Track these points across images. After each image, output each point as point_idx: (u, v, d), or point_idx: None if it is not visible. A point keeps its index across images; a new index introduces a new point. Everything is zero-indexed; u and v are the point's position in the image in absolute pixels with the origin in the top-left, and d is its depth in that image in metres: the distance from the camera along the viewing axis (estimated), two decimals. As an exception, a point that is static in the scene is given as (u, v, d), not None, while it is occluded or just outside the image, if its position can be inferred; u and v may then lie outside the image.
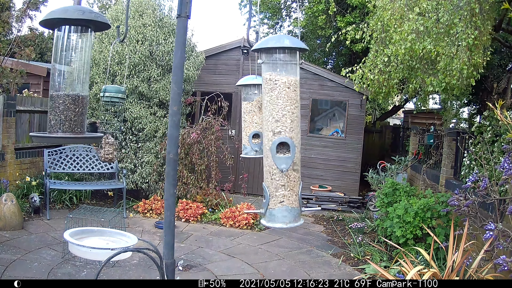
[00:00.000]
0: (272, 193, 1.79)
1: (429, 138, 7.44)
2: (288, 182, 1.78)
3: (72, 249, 2.55)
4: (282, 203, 1.79)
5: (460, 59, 4.46)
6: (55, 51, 1.63)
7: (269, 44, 1.76)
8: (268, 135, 1.80)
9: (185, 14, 1.72)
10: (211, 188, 7.09)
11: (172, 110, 1.77)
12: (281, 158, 1.76)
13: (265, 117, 1.81)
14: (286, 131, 1.77)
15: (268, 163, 1.80)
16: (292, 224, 1.82)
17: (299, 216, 1.85)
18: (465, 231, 3.66)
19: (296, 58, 1.78)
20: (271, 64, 1.76)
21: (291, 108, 1.78)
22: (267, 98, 1.80)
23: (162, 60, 7.14)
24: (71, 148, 6.81)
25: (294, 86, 1.79)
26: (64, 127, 1.61)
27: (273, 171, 1.78)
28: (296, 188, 1.81)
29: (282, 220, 1.80)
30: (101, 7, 16.19)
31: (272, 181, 1.79)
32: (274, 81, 1.77)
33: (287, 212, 1.80)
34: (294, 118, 1.79)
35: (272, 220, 1.82)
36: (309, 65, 8.87)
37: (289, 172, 1.78)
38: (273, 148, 1.76)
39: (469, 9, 4.35)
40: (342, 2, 10.55)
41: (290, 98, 1.78)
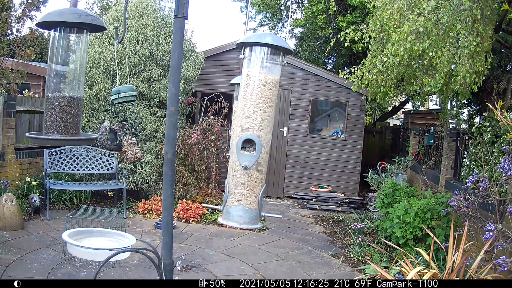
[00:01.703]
0: (232, 190, 1.75)
1: (429, 139, 7.43)
2: (249, 181, 1.74)
3: (71, 249, 2.55)
4: (239, 202, 1.75)
5: (463, 67, 4.45)
6: (51, 52, 1.63)
7: (251, 39, 1.75)
8: (236, 131, 1.77)
9: (182, 15, 1.72)
10: (211, 188, 7.09)
11: (170, 110, 1.77)
12: (245, 155, 1.72)
13: (237, 112, 1.79)
14: (255, 128, 1.73)
15: (232, 159, 1.77)
16: (247, 225, 1.77)
17: (256, 219, 1.80)
18: (465, 231, 3.66)
19: (278, 58, 1.75)
20: (250, 60, 1.74)
21: (264, 106, 1.75)
22: (241, 93, 1.78)
23: (162, 60, 7.14)
24: (71, 148, 6.81)
25: (271, 85, 1.76)
26: (60, 129, 1.62)
27: (236, 168, 1.74)
28: (257, 189, 1.76)
29: (237, 219, 1.76)
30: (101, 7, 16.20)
31: (233, 178, 1.76)
32: (251, 77, 1.74)
33: (243, 212, 1.76)
34: (266, 117, 1.75)
35: (227, 218, 1.78)
36: (309, 66, 8.88)
37: (252, 171, 1.73)
38: (238, 144, 1.73)
39: (470, 15, 4.34)
40: (343, 2, 10.55)
41: (264, 96, 1.75)
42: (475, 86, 4.85)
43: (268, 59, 1.76)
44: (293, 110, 8.71)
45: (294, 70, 8.60)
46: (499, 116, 3.28)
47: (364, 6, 9.26)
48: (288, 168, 8.75)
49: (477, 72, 4.59)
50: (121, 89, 2.89)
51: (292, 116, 8.71)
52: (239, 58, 1.82)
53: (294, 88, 8.67)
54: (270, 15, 14.13)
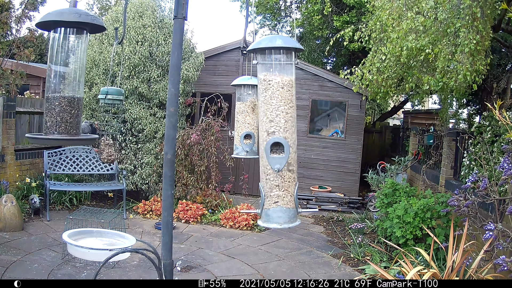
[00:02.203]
0: (267, 193, 1.78)
1: (428, 139, 7.43)
2: (282, 183, 1.77)
3: (71, 250, 2.55)
4: (276, 204, 1.77)
5: (463, 65, 4.45)
6: (51, 53, 1.64)
7: (262, 44, 1.76)
8: (262, 135, 1.79)
9: (181, 15, 1.72)
10: (211, 189, 7.09)
11: (169, 111, 1.77)
12: (275, 158, 1.75)
13: (260, 118, 1.81)
14: (280, 131, 1.76)
15: (263, 163, 1.79)
16: (287, 224, 1.80)
17: (295, 217, 1.83)
18: (465, 231, 3.66)
19: (291, 58, 1.76)
20: (265, 65, 1.76)
21: (285, 108, 1.76)
22: (261, 99, 1.79)
23: (162, 60, 7.14)
24: (71, 149, 6.81)
25: (288, 86, 1.77)
26: (60, 129, 1.62)
27: (268, 171, 1.77)
28: (291, 188, 1.79)
29: (277, 220, 1.79)
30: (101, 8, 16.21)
31: (267, 181, 1.78)
32: (268, 81, 1.76)
33: (281, 213, 1.78)
34: (289, 118, 1.77)
35: (267, 221, 1.81)
36: (309, 66, 8.88)
37: (284, 172, 1.76)
38: (267, 148, 1.75)
39: (470, 13, 4.34)
40: (339, 2, 10.54)
41: (284, 98, 1.76)
42: (475, 85, 4.85)
43: (282, 61, 1.77)
44: (293, 110, 8.70)
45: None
46: (498, 116, 3.28)
47: (361, 6, 9.26)
48: (288, 168, 8.73)
49: (477, 71, 4.59)
50: (109, 91, 2.91)
51: (292, 116, 8.70)
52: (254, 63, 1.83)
53: (293, 88, 8.66)
54: (269, 16, 14.12)
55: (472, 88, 4.94)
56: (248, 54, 2.07)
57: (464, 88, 4.90)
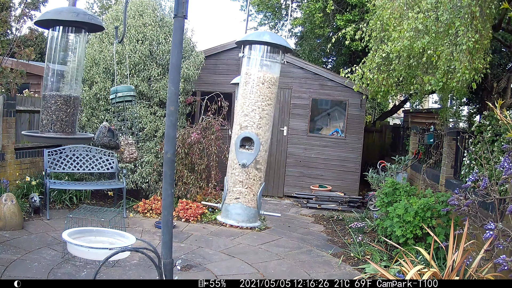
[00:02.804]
0: (230, 188, 1.76)
1: (429, 138, 7.43)
2: (247, 179, 1.74)
3: (71, 249, 2.55)
4: (237, 200, 1.75)
5: (461, 63, 4.45)
6: (49, 51, 1.63)
7: (250, 37, 1.74)
8: (235, 129, 1.78)
9: (181, 14, 1.72)
10: (211, 187, 7.09)
11: (169, 110, 1.77)
12: (244, 153, 1.72)
13: (236, 110, 1.79)
14: (253, 126, 1.73)
15: (231, 157, 1.77)
16: (245, 223, 1.77)
17: (255, 217, 1.80)
18: (465, 230, 3.65)
19: (277, 56, 1.75)
20: (250, 59, 1.74)
21: (262, 105, 1.74)
22: (240, 91, 1.78)
23: (162, 59, 7.14)
24: (71, 148, 6.81)
25: (269, 83, 1.75)
26: (55, 127, 1.62)
27: (234, 166, 1.75)
28: (255, 187, 1.76)
29: (235, 217, 1.76)
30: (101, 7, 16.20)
31: (231, 176, 1.76)
32: (250, 75, 1.74)
33: (241, 210, 1.76)
34: (264, 115, 1.75)
35: (225, 216, 1.79)
36: (309, 65, 8.87)
37: (250, 169, 1.73)
38: (237, 142, 1.73)
39: (469, 12, 4.33)
40: (342, 1, 10.53)
41: (263, 94, 1.74)
42: (474, 84, 4.84)
43: (267, 57, 1.75)
44: (293, 109, 8.71)
45: (294, 69, 8.59)
46: (499, 115, 3.27)
47: (363, 5, 9.24)
48: (288, 167, 8.75)
49: (476, 69, 4.58)
50: (119, 89, 2.90)
51: (292, 115, 8.71)
52: (239, 56, 1.82)
53: (294, 87, 8.67)
54: (270, 14, 14.11)
55: (472, 87, 4.93)
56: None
57: (465, 88, 4.89)
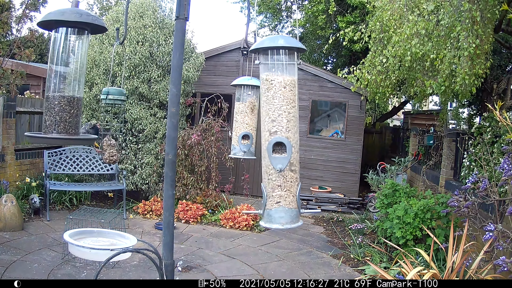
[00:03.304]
0: (269, 193, 1.78)
1: (429, 139, 7.44)
2: (284, 183, 1.77)
3: (72, 249, 2.56)
4: (278, 204, 1.77)
5: (462, 69, 4.46)
6: (52, 52, 1.64)
7: (265, 44, 1.76)
8: (265, 135, 1.79)
9: (183, 16, 1.72)
10: (211, 189, 7.09)
11: (171, 111, 1.77)
12: (277, 158, 1.75)
13: (262, 117, 1.81)
14: (282, 131, 1.76)
15: (265, 163, 1.79)
16: (289, 225, 1.79)
17: (297, 217, 1.83)
18: (464, 232, 3.66)
19: (293, 58, 1.77)
20: (267, 64, 1.76)
21: (287, 108, 1.76)
22: (263, 98, 1.80)
23: (162, 61, 7.15)
24: (71, 149, 6.81)
25: (290, 86, 1.78)
26: (59, 128, 1.62)
27: (270, 171, 1.77)
28: (294, 188, 1.79)
29: (279, 221, 1.78)
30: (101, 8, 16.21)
31: (269, 182, 1.78)
32: (270, 81, 1.76)
33: (283, 213, 1.78)
34: (291, 118, 1.77)
35: (269, 221, 1.80)
36: (309, 66, 8.88)
37: (286, 172, 1.76)
38: (269, 148, 1.75)
39: (470, 17, 4.34)
40: (343, 2, 10.56)
41: (286, 98, 1.76)
42: (474, 88, 4.86)
43: (284, 61, 1.77)
44: (293, 110, 8.71)
45: (294, 71, 8.59)
46: (498, 117, 3.28)
47: (364, 6, 9.27)
48: (288, 168, 8.74)
49: (475, 75, 4.60)
50: (110, 91, 2.91)
51: (292, 116, 8.71)
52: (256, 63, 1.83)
53: (294, 88, 8.67)
54: (271, 16, 14.13)
55: (471, 90, 4.94)
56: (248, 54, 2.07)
57: (468, 92, 4.90)
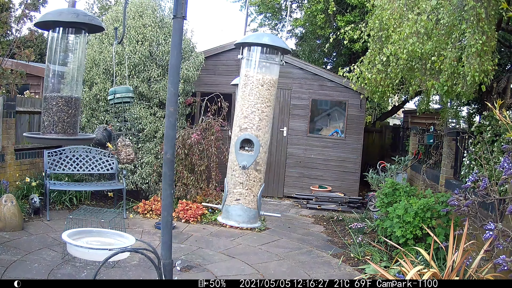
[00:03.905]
0: (231, 189, 1.76)
1: (429, 138, 7.43)
2: (247, 181, 1.75)
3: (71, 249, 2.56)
4: (238, 201, 1.76)
5: (471, 66, 4.43)
6: (49, 52, 1.64)
7: (249, 39, 1.75)
8: (235, 130, 1.78)
9: (181, 15, 1.72)
10: (211, 188, 7.09)
11: (169, 111, 1.77)
12: (244, 155, 1.73)
13: (236, 112, 1.80)
14: (253, 128, 1.74)
15: (231, 158, 1.78)
16: (246, 224, 1.78)
17: (255, 218, 1.81)
18: (465, 231, 3.66)
19: (276, 58, 1.75)
20: (249, 60, 1.75)
21: (261, 107, 1.75)
22: (240, 93, 1.79)
23: (162, 60, 7.14)
24: (71, 149, 6.81)
25: (268, 85, 1.76)
26: (57, 128, 1.62)
27: (234, 167, 1.75)
28: (256, 188, 1.77)
29: (236, 218, 1.77)
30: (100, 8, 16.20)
31: (232, 177, 1.76)
32: (249, 77, 1.75)
33: (241, 211, 1.76)
34: (264, 117, 1.76)
35: (226, 217, 1.79)
36: (309, 65, 8.87)
37: (250, 170, 1.74)
38: (237, 143, 1.73)
39: (475, 14, 4.32)
40: (342, 2, 10.55)
41: (262, 96, 1.75)
42: (484, 86, 4.83)
43: (266, 59, 1.75)
44: (293, 109, 8.71)
45: (294, 70, 8.60)
46: (498, 115, 3.28)
47: (363, 5, 9.26)
48: (288, 168, 8.75)
49: (485, 71, 4.57)
50: (117, 90, 2.91)
51: (292, 115, 8.71)
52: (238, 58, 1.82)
53: (293, 87, 8.67)
54: (270, 15, 14.11)
55: (481, 89, 4.91)
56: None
57: (471, 92, 4.88)
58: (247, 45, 1.76)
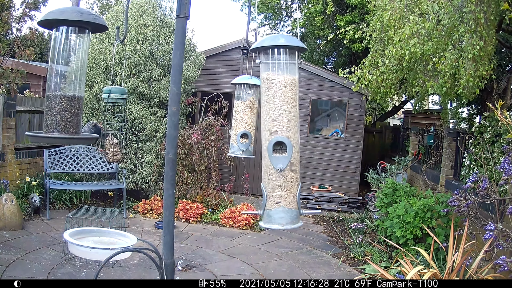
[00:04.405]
0: (269, 193, 1.76)
1: (429, 139, 7.44)
2: (285, 183, 1.75)
3: (72, 249, 2.56)
4: (278, 204, 1.76)
5: (466, 71, 4.45)
6: (53, 52, 1.64)
7: (265, 43, 1.75)
8: (265, 135, 1.78)
9: (184, 15, 1.72)
10: (211, 188, 7.09)
11: (171, 110, 1.77)
12: (278, 158, 1.73)
13: (263, 117, 1.79)
14: (283, 130, 1.74)
15: (266, 163, 1.77)
16: (289, 225, 1.78)
17: (297, 218, 1.81)
18: (465, 231, 3.66)
19: (294, 57, 1.76)
20: (268, 64, 1.75)
21: (288, 107, 1.75)
22: (264, 98, 1.79)
23: (162, 60, 7.14)
24: (71, 148, 6.81)
25: (291, 85, 1.76)
26: (60, 127, 1.62)
27: (270, 171, 1.75)
28: (294, 189, 1.77)
29: (279, 221, 1.77)
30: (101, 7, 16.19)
31: (269, 182, 1.76)
32: (271, 80, 1.75)
33: (284, 213, 1.76)
34: (292, 118, 1.76)
35: (269, 221, 1.79)
36: (309, 65, 8.88)
37: (286, 172, 1.74)
38: (269, 147, 1.73)
39: (473, 18, 4.33)
40: (342, 2, 10.55)
41: (287, 97, 1.75)
42: (477, 90, 4.85)
43: (284, 60, 1.76)
44: (293, 110, 8.70)
45: (294, 70, 8.59)
46: (499, 116, 3.28)
47: (363, 6, 9.26)
48: (288, 168, 8.73)
49: (480, 76, 4.59)
50: (112, 90, 2.91)
51: (292, 116, 8.70)
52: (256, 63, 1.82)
53: (294, 88, 8.67)
54: (271, 15, 14.12)
55: (475, 92, 4.94)
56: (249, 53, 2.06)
57: (471, 93, 4.90)
58: (263, 49, 1.76)
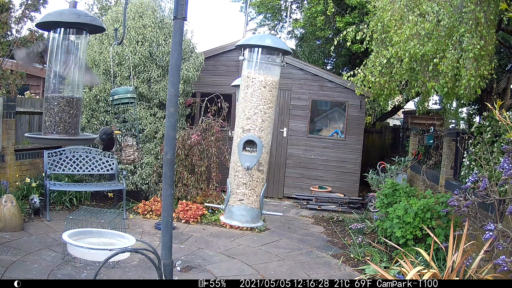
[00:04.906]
0: (234, 190, 1.77)
1: (428, 139, 7.44)
2: (250, 181, 1.76)
3: (71, 250, 2.56)
4: (241, 202, 1.77)
5: (467, 71, 4.44)
6: (51, 53, 1.64)
7: (251, 41, 1.76)
8: (237, 132, 1.79)
9: (181, 16, 1.73)
10: (211, 189, 7.09)
11: (169, 111, 1.78)
12: (247, 156, 1.74)
13: (238, 113, 1.81)
14: (256, 129, 1.75)
15: (234, 159, 1.79)
16: (249, 224, 1.80)
17: (258, 217, 1.83)
18: (464, 231, 3.66)
19: (278, 59, 1.76)
20: (251, 62, 1.76)
21: (264, 108, 1.76)
22: (242, 95, 1.80)
23: (162, 61, 7.15)
24: (71, 149, 6.81)
25: (270, 86, 1.77)
26: (58, 129, 1.62)
27: (237, 168, 1.76)
28: (258, 189, 1.78)
29: (239, 218, 1.78)
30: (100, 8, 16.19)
31: (235, 178, 1.77)
32: (251, 79, 1.76)
33: (245, 211, 1.78)
34: (266, 118, 1.77)
35: (229, 217, 1.80)
36: (309, 66, 8.88)
37: (253, 171, 1.75)
38: (240, 144, 1.74)
39: (473, 18, 4.33)
40: (341, 3, 10.56)
41: (265, 98, 1.76)
42: (479, 90, 4.85)
43: (268, 60, 1.76)
44: (293, 110, 8.72)
45: (294, 71, 8.60)
46: (498, 116, 3.28)
47: (363, 6, 9.26)
48: (288, 168, 8.75)
49: (481, 76, 4.58)
50: (118, 91, 2.92)
51: (292, 116, 8.72)
52: (239, 59, 1.83)
53: (293, 88, 8.68)
54: (270, 16, 14.13)
55: (476, 92, 4.93)
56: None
57: (472, 93, 4.90)
58: (249, 46, 1.77)
